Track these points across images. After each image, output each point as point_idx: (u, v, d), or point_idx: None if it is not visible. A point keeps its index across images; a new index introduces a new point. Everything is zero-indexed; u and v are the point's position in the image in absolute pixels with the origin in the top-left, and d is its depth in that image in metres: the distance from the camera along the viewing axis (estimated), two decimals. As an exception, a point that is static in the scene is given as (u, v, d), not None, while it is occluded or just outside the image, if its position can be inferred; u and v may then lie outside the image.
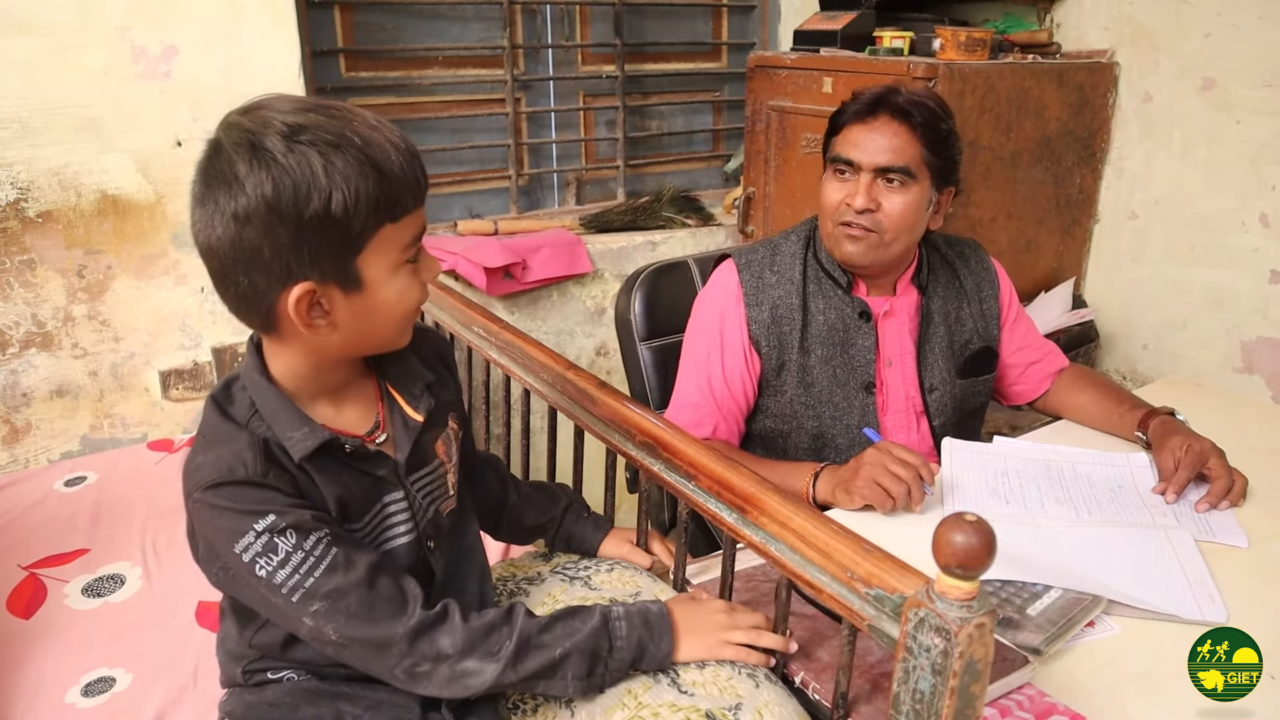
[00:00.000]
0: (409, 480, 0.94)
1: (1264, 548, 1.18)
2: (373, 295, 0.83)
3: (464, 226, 2.45)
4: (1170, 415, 1.40)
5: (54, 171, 1.86)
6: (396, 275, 0.84)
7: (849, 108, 1.40)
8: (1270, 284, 2.24)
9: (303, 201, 0.75)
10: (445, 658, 0.85)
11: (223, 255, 0.79)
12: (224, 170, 0.77)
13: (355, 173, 0.77)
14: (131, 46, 1.87)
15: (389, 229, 0.81)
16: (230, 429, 0.85)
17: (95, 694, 1.25)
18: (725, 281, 1.48)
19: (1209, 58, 2.25)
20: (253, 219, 0.76)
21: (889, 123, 1.35)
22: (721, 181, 3.04)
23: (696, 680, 0.90)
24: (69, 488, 1.79)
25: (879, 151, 1.35)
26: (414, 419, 0.94)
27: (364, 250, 0.81)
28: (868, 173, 1.35)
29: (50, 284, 1.91)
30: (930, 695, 0.68)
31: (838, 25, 2.33)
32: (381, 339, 0.89)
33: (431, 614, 0.86)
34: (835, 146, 1.40)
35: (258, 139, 0.76)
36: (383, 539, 0.93)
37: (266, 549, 0.81)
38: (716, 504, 0.95)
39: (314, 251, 0.78)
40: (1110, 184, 2.51)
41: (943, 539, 0.65)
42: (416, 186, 0.83)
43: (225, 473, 0.81)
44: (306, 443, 0.85)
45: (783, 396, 1.45)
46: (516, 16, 2.54)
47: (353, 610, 0.83)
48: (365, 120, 0.80)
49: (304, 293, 0.79)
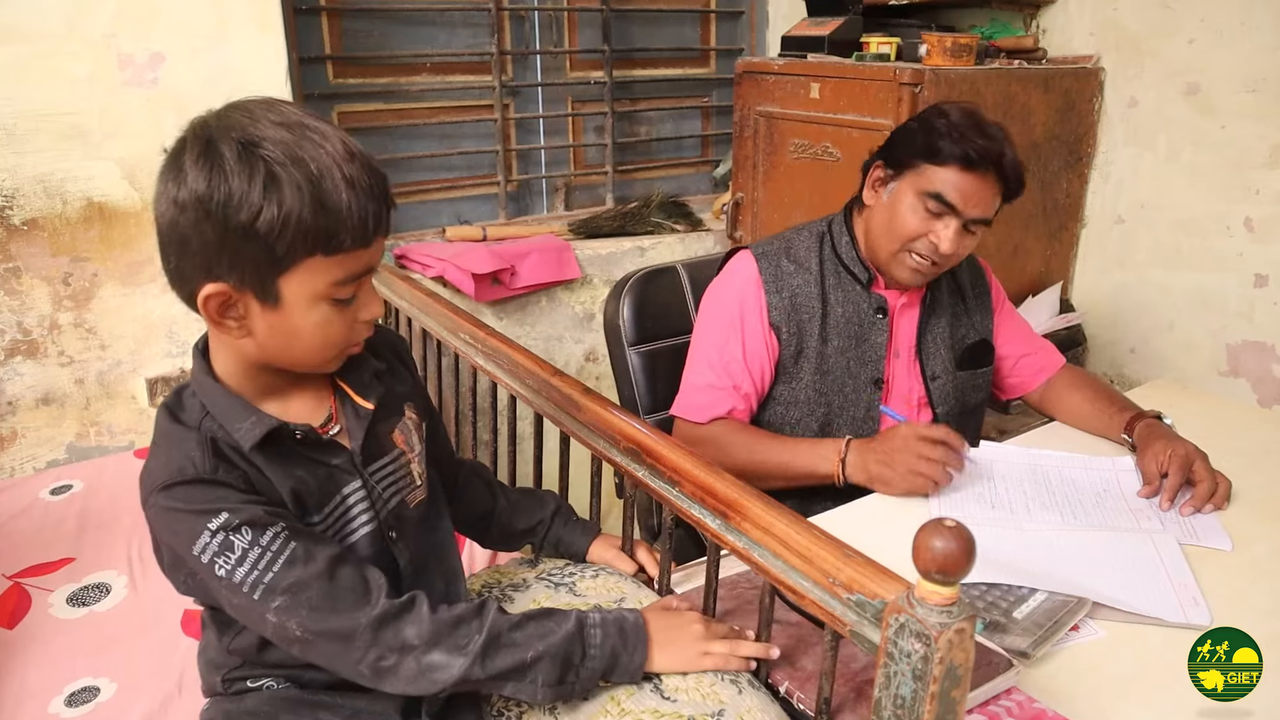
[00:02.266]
0: (367, 470, 0.94)
1: (1248, 550, 1.18)
2: (288, 316, 0.83)
3: (452, 233, 2.45)
4: (1157, 419, 1.41)
5: (39, 179, 1.85)
6: (316, 306, 0.83)
7: (956, 147, 1.32)
8: (1255, 288, 2.25)
9: (232, 210, 0.76)
10: (411, 649, 0.84)
11: (162, 231, 0.82)
12: (178, 157, 0.79)
13: (294, 198, 0.77)
14: (118, 54, 1.87)
15: (319, 260, 0.80)
16: (180, 431, 0.85)
17: (79, 704, 1.24)
18: (743, 269, 1.49)
19: (1193, 63, 2.27)
20: (186, 210, 0.78)
21: (994, 182, 1.35)
22: (710, 187, 3.04)
23: (679, 686, 0.89)
24: (55, 496, 1.78)
25: (980, 207, 1.35)
26: (364, 407, 0.94)
27: (288, 272, 0.80)
28: (960, 219, 1.35)
29: (36, 291, 1.91)
30: (911, 701, 0.68)
31: (825, 31, 2.34)
32: (300, 360, 0.88)
33: (397, 603, 0.85)
34: (934, 181, 1.35)
35: (214, 141, 0.78)
36: (345, 531, 0.92)
37: (223, 547, 0.81)
38: (700, 510, 0.95)
39: (235, 258, 0.79)
40: (1096, 188, 2.53)
41: (922, 544, 0.65)
42: (362, 228, 0.81)
43: (175, 473, 0.82)
44: (255, 431, 0.85)
45: (798, 383, 1.47)
46: (504, 22, 2.54)
47: (315, 602, 0.82)
48: (336, 151, 0.79)
49: (215, 292, 0.80)
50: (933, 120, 1.37)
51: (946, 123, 1.35)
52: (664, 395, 1.63)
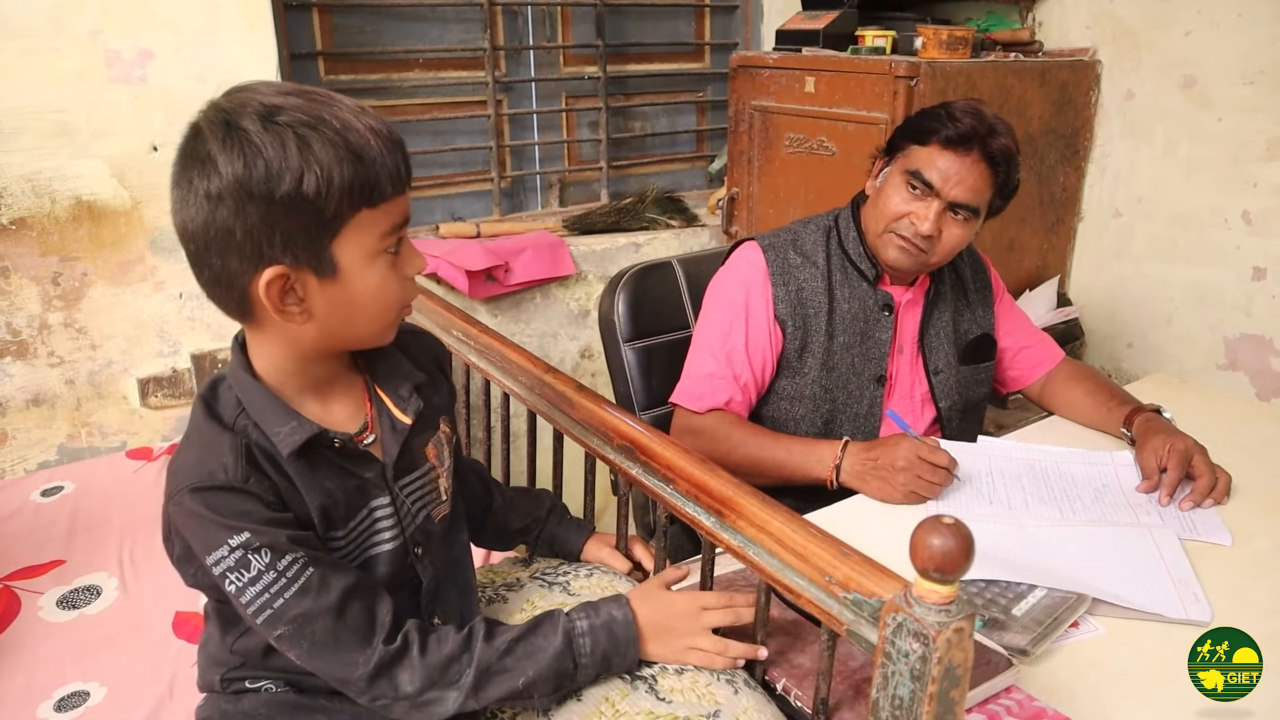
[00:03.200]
0: (397, 484, 0.92)
1: (1248, 545, 1.17)
2: (349, 284, 0.81)
3: (446, 229, 2.44)
4: (1156, 413, 1.40)
5: (27, 177, 1.83)
6: (374, 264, 0.81)
7: (941, 127, 1.34)
8: (1253, 281, 2.24)
9: (274, 180, 0.74)
10: (405, 695, 0.84)
11: (197, 237, 0.78)
12: (199, 150, 0.76)
13: (330, 155, 0.75)
14: (105, 50, 1.85)
15: (366, 214, 0.79)
16: (215, 430, 0.83)
17: (68, 709, 1.23)
18: (751, 258, 1.48)
19: (1190, 55, 2.26)
20: (225, 198, 0.75)
21: (978, 163, 1.33)
22: (705, 182, 3.03)
23: (674, 687, 0.88)
24: (46, 498, 1.76)
25: (961, 187, 1.34)
26: (402, 421, 0.92)
27: (339, 235, 0.79)
28: (941, 201, 1.35)
29: (25, 292, 1.89)
30: (910, 701, 0.67)
31: (820, 25, 2.33)
32: (361, 333, 0.86)
33: (391, 650, 0.84)
34: (915, 159, 1.36)
35: (233, 119, 0.75)
36: (367, 545, 0.90)
37: (239, 564, 0.79)
38: (695, 508, 0.94)
39: (286, 234, 0.76)
40: (1094, 182, 2.52)
41: (920, 542, 0.64)
42: (396, 173, 0.80)
43: (205, 477, 0.80)
44: (295, 436, 0.83)
45: (802, 379, 1.46)
46: (497, 18, 2.52)
47: (317, 637, 0.81)
48: (346, 106, 0.79)
49: (275, 276, 0.78)
50: (934, 109, 1.38)
51: (945, 111, 1.36)
52: (660, 391, 1.61)
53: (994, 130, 1.34)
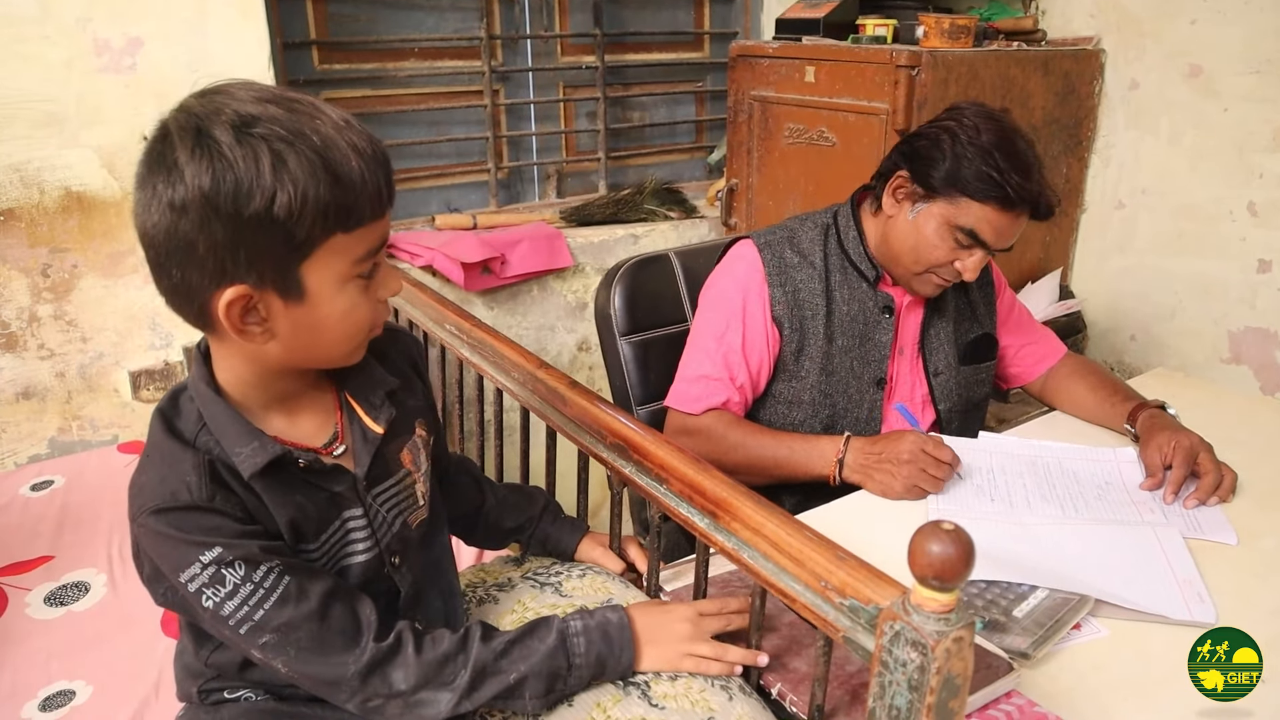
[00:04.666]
0: (371, 494, 0.89)
1: (1254, 545, 1.15)
2: (315, 308, 0.77)
3: (441, 221, 2.41)
4: (1160, 409, 1.38)
5: (15, 168, 1.81)
6: (344, 289, 0.78)
7: (999, 189, 1.27)
8: (1258, 273, 2.22)
9: (243, 199, 0.70)
10: (399, 693, 0.82)
11: (157, 245, 0.73)
12: (166, 155, 0.71)
13: (306, 174, 0.71)
14: (94, 39, 1.82)
15: (340, 239, 0.75)
16: (175, 447, 0.80)
17: (53, 708, 1.21)
18: (748, 257, 1.45)
19: (1196, 44, 2.23)
20: (188, 211, 0.70)
21: (1024, 214, 1.31)
22: (705, 173, 3.00)
23: (668, 693, 0.86)
24: (35, 492, 1.74)
25: (1009, 239, 1.33)
26: (374, 431, 0.89)
27: (309, 258, 0.74)
28: (986, 252, 1.33)
29: (14, 283, 1.86)
30: (907, 712, 0.65)
31: (820, 13, 2.30)
32: (326, 355, 0.83)
33: (384, 647, 0.82)
34: (967, 216, 1.29)
35: (205, 126, 0.70)
36: (340, 556, 0.88)
37: (213, 580, 0.76)
38: (688, 508, 0.91)
39: (252, 253, 0.72)
40: (1097, 173, 2.49)
41: (919, 549, 0.62)
42: (377, 196, 0.76)
43: (169, 497, 0.77)
44: (256, 459, 0.79)
45: (801, 383, 1.43)
46: (494, 6, 2.49)
47: (303, 644, 0.79)
48: (330, 119, 0.74)
49: (237, 296, 0.73)
50: (965, 142, 1.29)
51: (979, 149, 1.27)
52: (656, 386, 1.59)
53: (1041, 186, 1.30)
